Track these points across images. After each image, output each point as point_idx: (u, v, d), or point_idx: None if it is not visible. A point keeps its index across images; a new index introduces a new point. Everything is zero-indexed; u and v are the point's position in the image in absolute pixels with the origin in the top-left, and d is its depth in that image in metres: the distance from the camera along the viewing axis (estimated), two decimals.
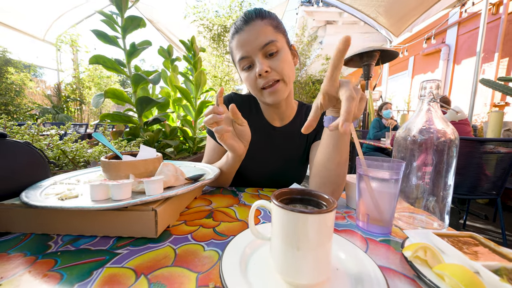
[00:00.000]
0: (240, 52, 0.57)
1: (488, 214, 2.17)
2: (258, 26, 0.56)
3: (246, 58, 0.57)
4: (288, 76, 0.59)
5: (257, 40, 0.55)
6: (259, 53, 0.56)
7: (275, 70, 0.57)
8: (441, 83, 0.39)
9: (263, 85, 0.58)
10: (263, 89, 0.59)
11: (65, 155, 0.75)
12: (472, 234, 0.35)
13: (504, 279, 0.25)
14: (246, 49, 0.56)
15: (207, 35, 4.33)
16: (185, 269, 0.29)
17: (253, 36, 0.55)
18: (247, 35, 0.56)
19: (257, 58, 0.56)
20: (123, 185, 0.36)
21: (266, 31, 0.56)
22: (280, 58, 0.57)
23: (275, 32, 0.58)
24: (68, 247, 0.33)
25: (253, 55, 0.56)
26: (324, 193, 0.47)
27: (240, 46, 0.57)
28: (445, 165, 0.40)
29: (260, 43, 0.55)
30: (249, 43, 0.56)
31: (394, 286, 0.27)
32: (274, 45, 0.56)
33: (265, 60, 0.57)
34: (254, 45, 0.55)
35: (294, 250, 0.24)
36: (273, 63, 0.57)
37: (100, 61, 1.17)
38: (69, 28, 5.75)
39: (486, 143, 1.42)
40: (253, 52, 0.56)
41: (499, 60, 3.57)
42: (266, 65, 0.56)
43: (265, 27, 0.56)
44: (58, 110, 5.47)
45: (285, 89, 0.60)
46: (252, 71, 0.58)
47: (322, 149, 0.52)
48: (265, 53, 0.56)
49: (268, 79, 0.57)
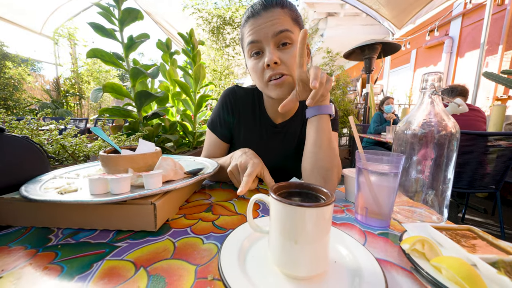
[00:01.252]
0: (252, 35, 0.54)
1: (487, 208, 2.18)
2: (276, 14, 0.53)
3: (256, 43, 0.54)
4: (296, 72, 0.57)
5: (272, 27, 0.52)
6: (271, 41, 0.53)
7: (284, 63, 0.54)
8: (443, 76, 0.39)
9: (270, 77, 0.55)
10: (269, 82, 0.56)
11: (65, 150, 0.75)
12: (470, 227, 0.35)
13: (501, 271, 0.25)
14: (259, 34, 0.53)
15: (206, 28, 4.26)
16: (184, 261, 0.29)
17: (269, 22, 0.52)
18: (263, 20, 0.53)
19: (268, 47, 0.53)
20: (122, 179, 0.36)
21: (284, 20, 0.53)
22: (292, 52, 0.54)
23: (292, 24, 0.55)
24: (68, 240, 0.34)
25: (264, 41, 0.53)
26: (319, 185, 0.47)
27: (253, 30, 0.54)
28: (445, 158, 0.40)
29: (275, 30, 0.52)
30: (263, 29, 0.53)
31: (392, 278, 0.27)
32: (289, 36, 0.53)
33: (276, 50, 0.54)
34: (268, 31, 0.52)
35: (292, 243, 0.24)
36: (284, 55, 0.54)
37: (97, 55, 1.15)
38: (66, 21, 5.66)
39: (488, 137, 1.41)
40: (265, 39, 0.53)
41: (503, 53, 3.51)
42: (276, 55, 0.53)
43: (284, 16, 0.53)
44: (57, 105, 5.45)
45: (291, 85, 0.57)
46: (260, 60, 0.55)
47: (307, 137, 0.54)
48: (278, 42, 0.54)
49: (275, 71, 0.54)
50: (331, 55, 4.98)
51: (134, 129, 1.21)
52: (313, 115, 0.54)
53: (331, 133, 0.55)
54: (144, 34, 1.29)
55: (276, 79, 0.55)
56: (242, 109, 0.70)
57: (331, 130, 0.55)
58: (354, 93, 6.01)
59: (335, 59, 5.01)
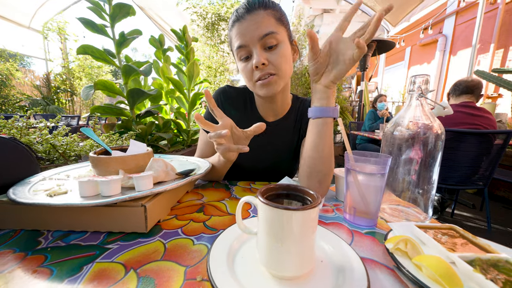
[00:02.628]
0: (239, 40, 0.56)
1: (476, 204, 2.24)
2: (260, 16, 0.54)
3: (244, 48, 0.56)
4: (284, 71, 0.58)
5: (257, 30, 0.54)
6: (257, 44, 0.54)
7: (272, 63, 0.56)
8: (430, 78, 0.40)
9: (258, 78, 0.57)
10: (257, 82, 0.58)
11: (55, 149, 0.74)
12: (452, 226, 0.36)
13: (477, 269, 0.26)
14: (245, 38, 0.55)
15: (200, 24, 4.20)
16: (174, 263, 0.30)
17: (253, 25, 0.54)
18: (247, 24, 0.54)
19: (255, 49, 0.55)
20: (112, 181, 0.36)
21: (268, 22, 0.54)
22: (279, 52, 0.56)
23: (277, 24, 0.56)
24: (58, 242, 0.34)
25: (251, 45, 0.55)
26: (310, 188, 0.48)
27: (239, 35, 0.56)
28: (431, 159, 0.41)
29: (260, 33, 0.54)
30: (249, 33, 0.54)
31: (375, 277, 0.28)
32: (274, 37, 0.55)
33: (263, 52, 0.55)
34: (254, 35, 0.54)
35: (279, 244, 0.25)
36: (271, 56, 0.55)
37: (88, 51, 1.13)
38: (55, 15, 5.49)
39: (476, 134, 1.45)
40: (252, 42, 0.55)
41: (494, 51, 3.58)
42: (263, 57, 0.54)
43: (267, 17, 0.55)
44: (48, 102, 5.33)
45: (279, 83, 0.58)
46: (249, 62, 0.57)
47: (307, 138, 0.54)
48: (264, 44, 0.55)
49: (264, 71, 0.56)
50: None
51: (127, 127, 1.20)
52: (318, 117, 0.52)
53: (332, 137, 0.54)
54: (137, 30, 1.27)
55: (264, 79, 0.57)
56: (234, 109, 0.70)
57: (332, 135, 0.55)
58: (349, 91, 6.04)
59: None
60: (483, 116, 1.58)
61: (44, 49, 5.85)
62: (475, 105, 1.61)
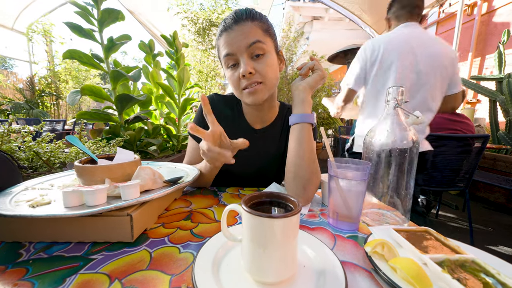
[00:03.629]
0: (226, 49, 0.57)
1: (458, 204, 2.34)
2: (247, 27, 0.56)
3: (231, 56, 0.57)
4: (270, 80, 0.60)
5: (245, 40, 0.55)
6: (244, 52, 0.56)
7: (259, 72, 0.57)
8: (404, 90, 0.42)
9: (245, 86, 0.59)
10: (243, 90, 0.60)
11: (39, 157, 0.72)
12: (427, 229, 0.38)
13: (445, 270, 0.28)
14: (232, 47, 0.56)
15: (191, 29, 4.21)
16: (159, 272, 0.30)
17: (241, 35, 0.56)
18: (235, 34, 0.56)
19: (242, 58, 0.56)
20: (97, 191, 0.36)
21: (255, 32, 0.56)
22: (266, 61, 0.58)
23: (263, 35, 0.58)
24: (40, 254, 0.33)
25: (238, 53, 0.56)
26: (295, 193, 0.50)
27: (227, 43, 0.57)
28: (408, 165, 0.44)
29: (247, 42, 0.55)
30: (236, 42, 0.56)
31: (353, 279, 0.29)
32: (261, 47, 0.57)
33: (250, 61, 0.57)
34: (241, 44, 0.56)
35: (261, 251, 0.26)
36: (258, 65, 0.57)
37: (75, 56, 1.11)
38: (41, 17, 5.35)
39: (457, 138, 1.52)
40: (239, 51, 0.56)
41: (472, 60, 3.78)
42: (250, 66, 0.56)
43: (255, 28, 0.57)
44: (32, 105, 5.13)
45: (265, 92, 0.60)
46: (236, 71, 0.59)
47: (290, 145, 0.57)
48: (251, 53, 0.57)
49: (251, 80, 0.57)
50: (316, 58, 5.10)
51: (115, 133, 1.18)
52: (296, 122, 0.58)
53: (312, 142, 0.58)
54: (126, 35, 1.26)
55: (250, 87, 0.58)
56: (222, 116, 0.71)
57: (312, 139, 0.58)
58: None
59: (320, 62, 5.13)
60: (463, 122, 1.69)
61: (28, 51, 5.66)
62: (455, 111, 1.72)
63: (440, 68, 1.06)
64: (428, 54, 1.06)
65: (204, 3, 4.24)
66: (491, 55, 3.46)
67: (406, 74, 1.06)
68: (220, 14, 4.24)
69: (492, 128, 2.70)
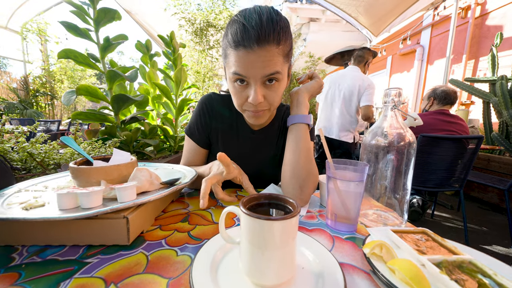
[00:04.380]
0: (239, 68, 0.49)
1: (453, 204, 2.37)
2: (270, 54, 0.47)
3: (242, 77, 0.50)
4: (276, 106, 0.57)
5: (263, 70, 0.48)
6: (259, 81, 0.50)
7: (267, 100, 0.54)
8: (402, 91, 0.43)
9: (249, 109, 0.56)
10: (245, 111, 0.57)
11: (33, 158, 0.71)
12: (424, 230, 0.38)
13: (443, 271, 0.28)
14: (247, 71, 0.49)
15: (189, 29, 4.19)
16: (156, 275, 0.29)
17: (260, 63, 0.48)
18: (255, 57, 0.47)
19: (255, 85, 0.50)
20: (92, 193, 0.35)
21: (277, 61, 0.49)
22: (277, 89, 0.53)
23: (283, 62, 0.51)
24: (33, 258, 0.32)
25: (252, 79, 0.50)
26: (293, 194, 0.50)
27: (241, 64, 0.49)
28: (405, 166, 0.44)
29: (265, 73, 0.49)
30: (253, 68, 0.48)
31: (352, 281, 0.29)
32: (277, 76, 0.51)
33: (262, 88, 0.52)
34: (258, 72, 0.49)
35: (260, 254, 0.26)
36: (269, 93, 0.53)
37: (70, 56, 1.10)
38: (35, 15, 5.28)
39: (452, 139, 1.54)
40: (253, 78, 0.50)
41: (466, 62, 3.84)
42: (261, 94, 0.51)
43: (277, 56, 0.49)
44: (26, 105, 5.05)
45: (267, 115, 0.58)
46: (244, 90, 0.53)
47: (287, 145, 0.58)
48: (265, 80, 0.51)
49: (257, 108, 0.54)
50: (313, 59, 5.13)
51: (110, 134, 1.17)
52: (293, 123, 0.59)
53: (309, 142, 0.59)
54: (122, 35, 1.25)
55: (255, 112, 0.55)
56: (219, 116, 0.71)
57: (309, 140, 0.59)
58: None
59: (317, 63, 5.17)
60: (457, 123, 1.73)
61: (22, 50, 5.57)
62: (450, 112, 1.76)
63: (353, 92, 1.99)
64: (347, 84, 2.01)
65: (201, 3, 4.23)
66: (485, 57, 3.52)
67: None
68: (217, 15, 4.23)
69: (486, 129, 2.75)
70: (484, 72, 3.52)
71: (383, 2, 3.66)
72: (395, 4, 3.61)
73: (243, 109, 0.57)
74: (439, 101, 1.85)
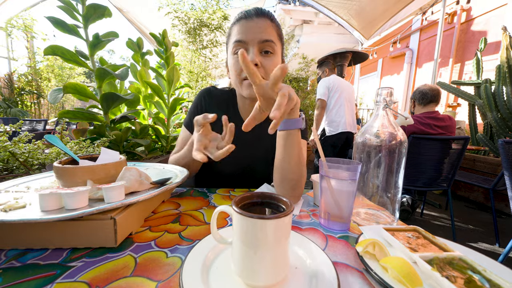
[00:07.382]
0: (240, 35, 0.58)
1: (441, 203, 2.43)
2: (266, 23, 0.59)
3: (242, 43, 0.58)
4: None
5: (260, 34, 0.57)
6: (256, 45, 0.57)
7: (264, 67, 0.58)
8: (393, 91, 0.43)
9: (246, 77, 0.58)
10: (244, 80, 0.60)
11: (15, 158, 0.67)
12: (415, 228, 0.39)
13: (434, 268, 0.28)
14: (247, 36, 0.58)
15: (182, 29, 4.15)
16: (144, 278, 0.28)
17: (258, 28, 0.58)
18: (253, 24, 0.58)
19: (253, 49, 0.57)
20: (77, 193, 0.34)
21: (271, 31, 0.59)
22: (272, 60, 0.59)
23: (276, 38, 0.61)
24: (12, 263, 0.31)
25: (250, 43, 0.57)
26: (284, 194, 0.49)
27: (242, 30, 0.58)
28: (396, 164, 0.44)
29: (262, 37, 0.57)
30: (252, 33, 0.57)
31: (345, 280, 0.29)
32: (272, 46, 0.59)
33: (259, 55, 0.58)
34: (256, 36, 0.57)
35: (252, 253, 0.25)
36: (265, 61, 0.58)
37: (57, 52, 1.06)
38: (21, 11, 5.08)
39: (440, 140, 1.59)
40: (252, 42, 0.57)
41: (453, 65, 3.98)
42: (258, 58, 0.57)
43: (271, 28, 0.59)
44: (10, 104, 4.85)
45: None
46: None
47: (277, 150, 0.56)
48: (262, 49, 0.58)
49: None
50: (306, 61, 5.18)
51: (99, 133, 1.13)
52: (282, 129, 0.53)
53: (300, 147, 0.55)
54: (113, 32, 1.22)
55: None
56: (216, 109, 0.71)
57: (300, 143, 0.56)
58: None
59: (310, 64, 5.22)
60: (445, 126, 1.76)
61: (7, 47, 5.36)
62: (440, 115, 1.78)
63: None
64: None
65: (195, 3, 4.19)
66: (470, 61, 3.65)
67: None
68: (211, 15, 4.21)
69: (472, 130, 2.84)
70: (470, 76, 3.65)
71: (374, 6, 3.75)
72: (385, 8, 3.70)
73: (241, 78, 0.60)
74: (419, 101, 1.87)
